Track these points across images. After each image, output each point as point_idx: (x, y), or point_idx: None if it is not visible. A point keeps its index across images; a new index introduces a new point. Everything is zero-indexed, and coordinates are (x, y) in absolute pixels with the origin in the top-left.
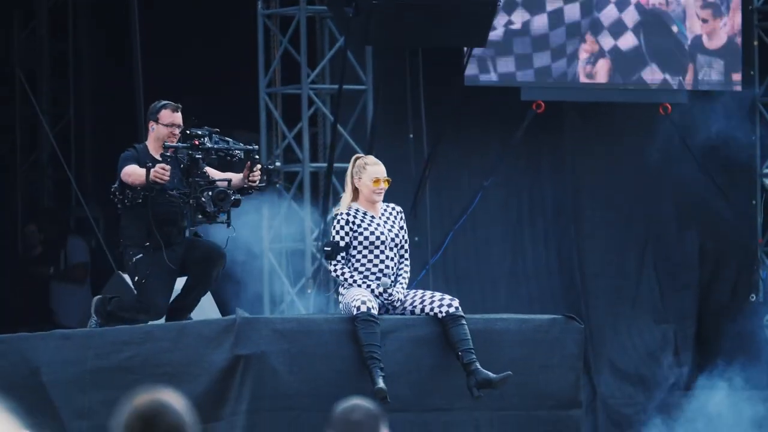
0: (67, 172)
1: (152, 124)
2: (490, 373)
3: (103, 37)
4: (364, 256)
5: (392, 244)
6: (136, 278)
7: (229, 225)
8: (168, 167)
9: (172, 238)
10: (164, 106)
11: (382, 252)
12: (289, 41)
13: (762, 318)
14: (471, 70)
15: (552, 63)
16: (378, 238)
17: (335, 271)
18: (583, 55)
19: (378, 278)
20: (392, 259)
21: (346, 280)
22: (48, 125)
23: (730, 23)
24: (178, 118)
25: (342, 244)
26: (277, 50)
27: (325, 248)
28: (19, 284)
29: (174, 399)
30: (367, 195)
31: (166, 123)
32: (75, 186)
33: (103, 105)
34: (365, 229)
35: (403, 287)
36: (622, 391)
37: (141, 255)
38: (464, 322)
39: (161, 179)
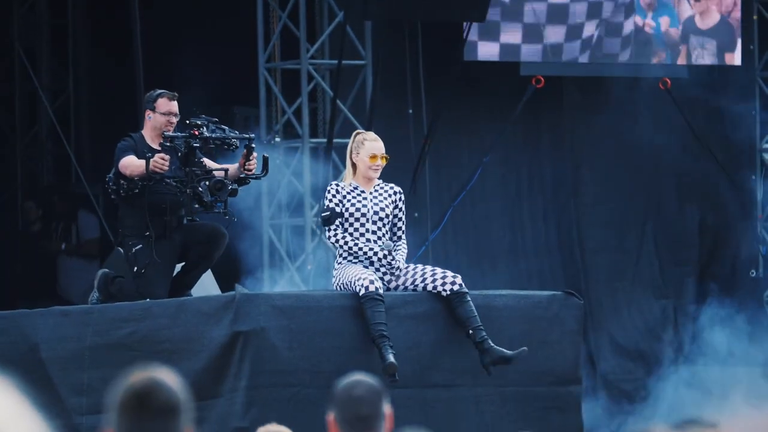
0: (67, 147)
1: (149, 113)
2: (505, 350)
3: (102, 12)
4: (345, 230)
5: (375, 218)
6: (135, 268)
7: (226, 215)
8: (167, 157)
9: (170, 228)
10: (161, 95)
11: (362, 225)
12: (289, 16)
13: (762, 293)
14: (471, 36)
15: (565, 42)
16: (359, 210)
17: (331, 237)
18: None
19: (364, 252)
20: (375, 233)
21: (341, 246)
22: (48, 101)
23: (724, 1)
24: (174, 106)
25: (337, 210)
26: (276, 25)
27: (322, 215)
28: (23, 259)
29: (168, 376)
30: (364, 171)
31: (163, 111)
32: (75, 162)
33: (102, 80)
34: (349, 201)
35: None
36: (622, 367)
37: (140, 245)
38: (469, 299)
39: (161, 169)
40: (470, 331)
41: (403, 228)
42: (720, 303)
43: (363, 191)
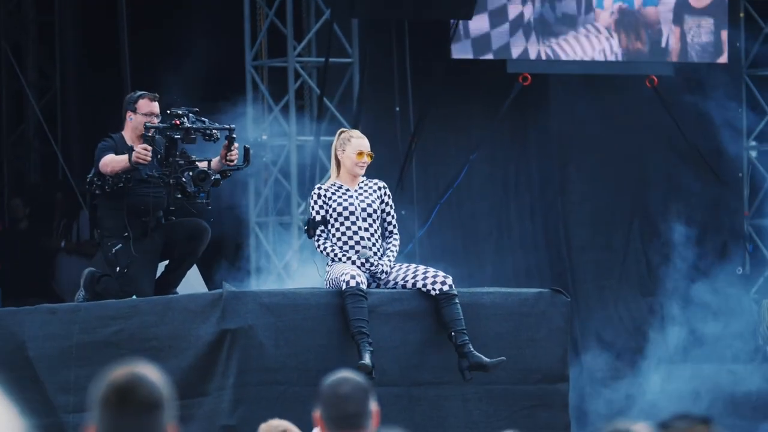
0: (54, 146)
1: (130, 114)
2: (483, 357)
3: (89, 9)
4: (337, 229)
5: (364, 215)
6: (118, 269)
7: (209, 205)
8: (150, 147)
9: (149, 228)
10: (141, 96)
11: (353, 223)
12: (275, 14)
13: (749, 291)
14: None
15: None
16: (346, 209)
17: (318, 246)
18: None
19: (356, 251)
20: (367, 230)
21: (328, 254)
22: (34, 99)
23: None
24: (156, 107)
25: (318, 218)
26: (263, 23)
27: (305, 227)
28: (11, 257)
29: (151, 372)
30: (350, 168)
31: (145, 112)
32: (62, 160)
33: (89, 78)
34: (335, 201)
35: (390, 260)
36: (609, 364)
37: (120, 245)
38: (457, 301)
39: (144, 160)
40: (452, 333)
41: (394, 222)
42: (707, 301)
43: (348, 189)
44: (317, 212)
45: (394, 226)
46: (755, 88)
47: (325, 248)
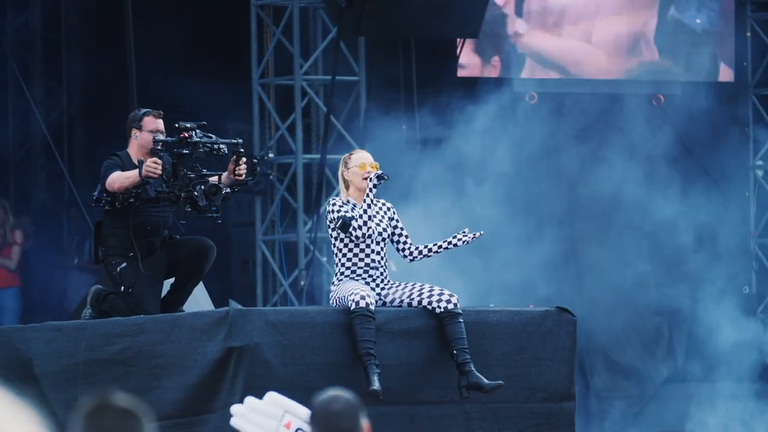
0: (60, 163)
1: (135, 132)
2: (482, 378)
3: (96, 27)
4: (350, 250)
5: (379, 239)
6: (122, 288)
7: (218, 220)
8: (160, 161)
9: (155, 247)
10: (146, 113)
11: (368, 246)
12: (282, 32)
13: (755, 310)
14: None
15: None
16: (364, 234)
17: (335, 248)
18: None
19: (366, 272)
20: (378, 253)
21: (344, 256)
22: (40, 116)
23: None
24: (160, 124)
25: (348, 215)
26: (270, 41)
27: (337, 228)
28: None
29: (126, 398)
30: (357, 182)
31: (150, 129)
32: (68, 177)
33: (95, 96)
34: (355, 220)
35: (431, 247)
36: (616, 384)
37: (125, 264)
38: (461, 320)
39: (155, 173)
40: (454, 352)
41: (405, 232)
42: (714, 320)
43: (365, 210)
44: (346, 212)
45: (407, 236)
46: (762, 107)
47: (341, 249)
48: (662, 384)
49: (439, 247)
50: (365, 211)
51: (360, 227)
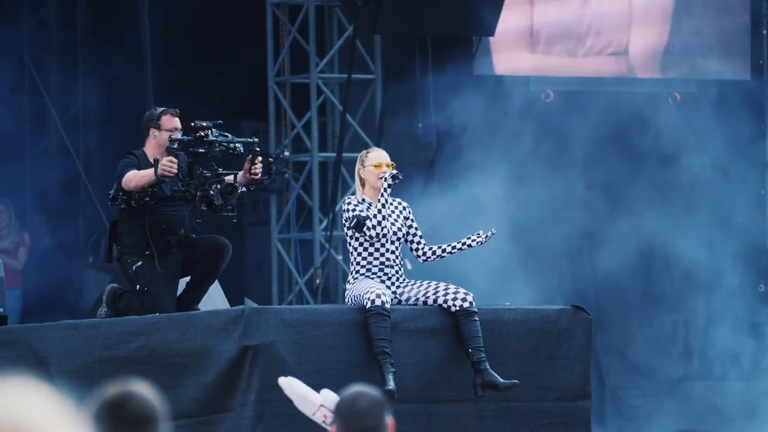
0: (76, 162)
1: (153, 131)
2: (497, 377)
3: (112, 26)
4: (366, 249)
5: (394, 238)
6: (138, 287)
7: (234, 218)
8: (175, 160)
9: (170, 246)
10: (164, 112)
11: (383, 245)
12: (298, 30)
13: None
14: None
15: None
16: (379, 233)
17: (350, 246)
18: None
19: (381, 270)
20: (393, 252)
21: (360, 254)
22: (57, 115)
23: None
24: (177, 122)
25: (363, 215)
26: (285, 39)
27: (351, 227)
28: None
29: (143, 388)
30: (372, 181)
31: (168, 128)
32: (84, 177)
33: (112, 94)
34: (369, 220)
35: (445, 248)
36: (632, 383)
37: (140, 263)
38: (477, 318)
39: (170, 172)
40: (469, 350)
41: (419, 233)
42: (729, 318)
43: (379, 210)
44: (360, 211)
45: (421, 236)
46: None
47: (356, 248)
48: (678, 382)
49: (453, 248)
50: (380, 211)
51: (374, 227)
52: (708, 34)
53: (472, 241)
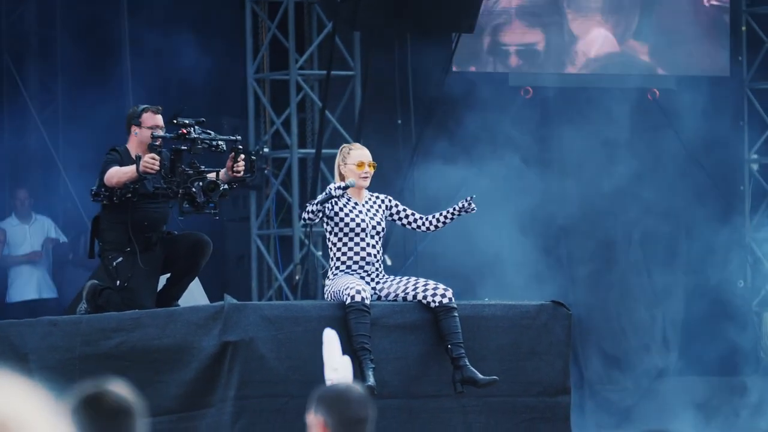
0: (56, 159)
1: (135, 128)
2: (477, 373)
3: (91, 23)
4: (345, 244)
5: (373, 232)
6: (118, 282)
7: (216, 216)
8: (158, 157)
9: (152, 243)
10: (145, 110)
11: (362, 239)
12: (277, 27)
13: (750, 304)
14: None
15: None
16: (359, 225)
17: (328, 242)
18: None
19: (361, 266)
20: (374, 247)
21: (338, 249)
22: (36, 111)
23: None
24: (159, 120)
25: (334, 193)
26: (265, 36)
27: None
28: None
29: (118, 385)
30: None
31: (150, 125)
32: (64, 173)
33: (91, 91)
34: (346, 215)
35: (438, 218)
36: (611, 377)
37: (121, 259)
38: (456, 314)
39: (152, 169)
40: (449, 346)
41: (411, 210)
42: (708, 313)
43: (357, 203)
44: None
45: (412, 212)
46: (757, 102)
47: (335, 244)
48: (657, 377)
49: (451, 214)
50: (356, 205)
51: (353, 219)
52: (687, 31)
53: (461, 208)
